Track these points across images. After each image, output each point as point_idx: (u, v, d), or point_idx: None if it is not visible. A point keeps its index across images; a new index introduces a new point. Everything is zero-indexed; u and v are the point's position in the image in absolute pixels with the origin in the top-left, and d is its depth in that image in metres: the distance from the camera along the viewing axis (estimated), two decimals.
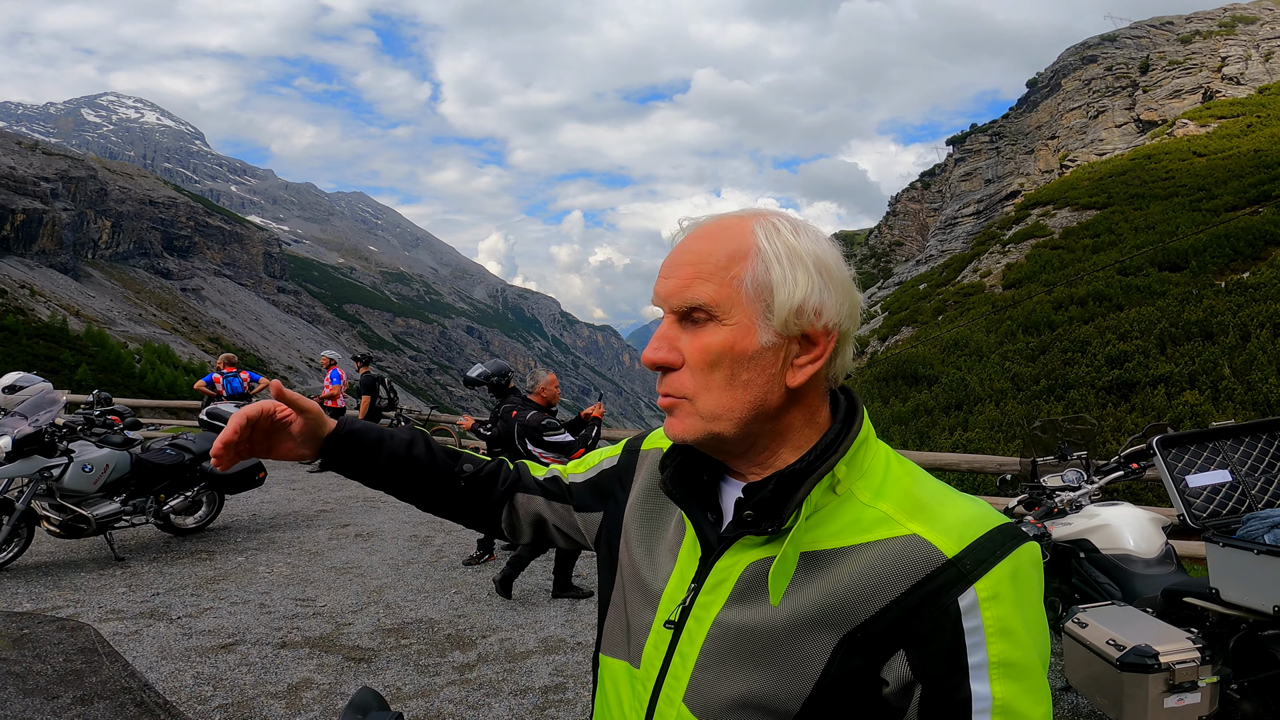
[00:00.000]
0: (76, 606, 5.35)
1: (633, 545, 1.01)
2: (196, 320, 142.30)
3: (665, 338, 0.86)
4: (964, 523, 0.80)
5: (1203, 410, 12.70)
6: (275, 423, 1.08)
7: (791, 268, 0.83)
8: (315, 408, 1.11)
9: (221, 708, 3.86)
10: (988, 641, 0.76)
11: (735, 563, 0.86)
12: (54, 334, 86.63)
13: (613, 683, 0.98)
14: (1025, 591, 0.79)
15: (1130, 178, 37.06)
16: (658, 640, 0.91)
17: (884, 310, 36.85)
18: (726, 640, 0.84)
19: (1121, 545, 3.05)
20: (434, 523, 8.70)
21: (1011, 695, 0.76)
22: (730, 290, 0.83)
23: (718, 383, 0.83)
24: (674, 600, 0.91)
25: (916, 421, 16.81)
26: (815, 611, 0.80)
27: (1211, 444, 2.70)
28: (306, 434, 1.11)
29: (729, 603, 0.85)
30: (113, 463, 6.58)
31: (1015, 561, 0.78)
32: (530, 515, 1.18)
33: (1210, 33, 60.59)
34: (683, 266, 0.85)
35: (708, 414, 0.84)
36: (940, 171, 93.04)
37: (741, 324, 0.83)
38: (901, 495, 0.84)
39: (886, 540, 0.80)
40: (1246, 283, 18.25)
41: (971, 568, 0.77)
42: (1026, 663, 0.77)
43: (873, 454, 0.88)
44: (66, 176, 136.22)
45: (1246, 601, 2.32)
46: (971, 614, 0.76)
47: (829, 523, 0.83)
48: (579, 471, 1.17)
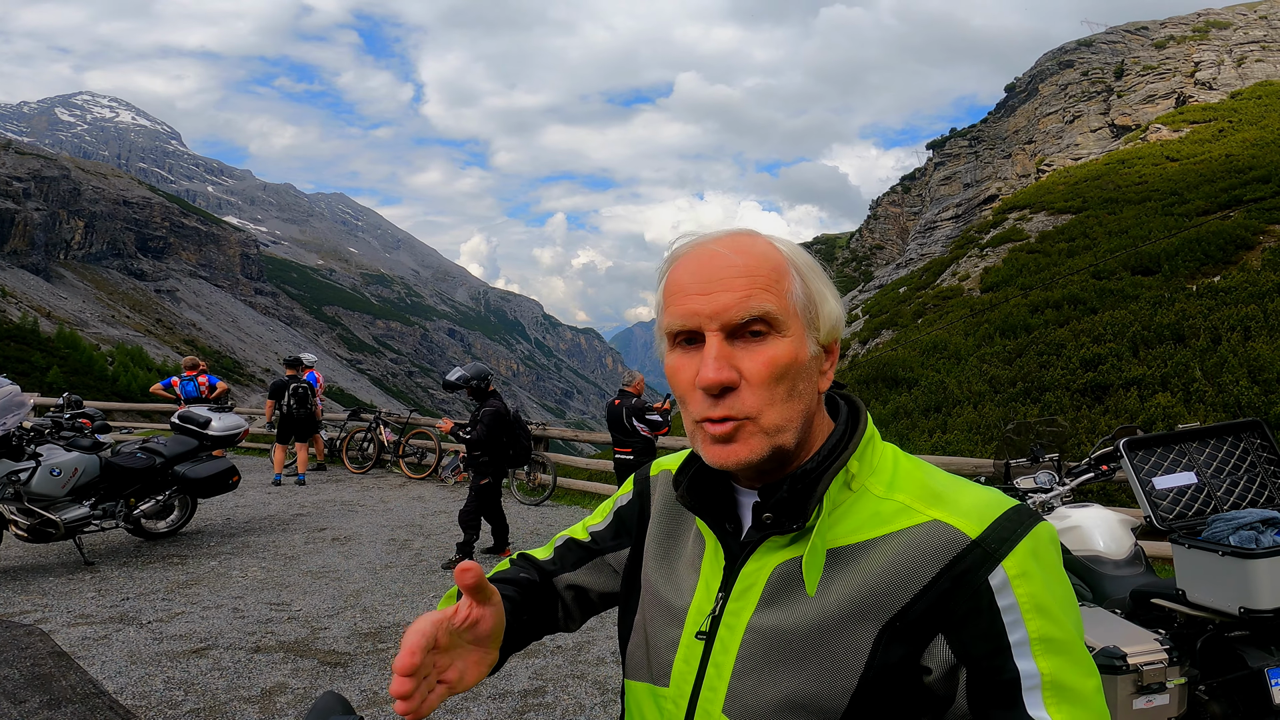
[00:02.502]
0: (45, 611, 5.27)
1: (651, 567, 1.00)
2: (171, 322, 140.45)
3: (724, 357, 0.81)
4: (981, 506, 0.82)
5: (1175, 412, 12.87)
6: (458, 631, 0.85)
7: (819, 282, 0.88)
8: (495, 591, 0.89)
9: (193, 713, 3.81)
10: (1025, 619, 0.76)
11: (762, 566, 0.87)
12: (25, 336, 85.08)
13: (638, 706, 0.97)
14: (1050, 568, 0.80)
15: (1104, 182, 37.55)
16: (688, 654, 0.90)
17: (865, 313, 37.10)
18: (763, 644, 0.84)
19: (1091, 546, 3.08)
20: (412, 527, 8.64)
21: (1059, 669, 0.75)
22: (786, 303, 0.83)
23: (781, 395, 0.82)
24: (702, 612, 0.90)
25: (896, 424, 16.92)
26: (850, 605, 0.80)
27: (1177, 446, 2.73)
28: (496, 632, 0.90)
29: (760, 607, 0.85)
30: (81, 466, 6.48)
31: (1035, 539, 0.80)
32: (570, 593, 1.12)
33: (1184, 38, 61.53)
34: (735, 280, 0.82)
35: (772, 429, 0.82)
36: (920, 175, 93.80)
37: (798, 335, 0.84)
38: (916, 486, 0.85)
39: (909, 529, 0.81)
40: (1217, 286, 18.54)
41: (996, 547, 0.78)
42: (1066, 637, 0.77)
43: (880, 451, 0.90)
44: (39, 176, 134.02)
45: (1212, 603, 2.35)
46: (1004, 592, 0.77)
47: (848, 519, 0.84)
48: (598, 521, 1.14)
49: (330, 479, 12.20)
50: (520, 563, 1.13)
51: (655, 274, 0.91)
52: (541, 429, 11.80)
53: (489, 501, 7.23)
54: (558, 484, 10.78)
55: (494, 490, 7.27)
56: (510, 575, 1.07)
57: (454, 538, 7.81)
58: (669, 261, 0.89)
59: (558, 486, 10.78)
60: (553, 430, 12.42)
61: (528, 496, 10.74)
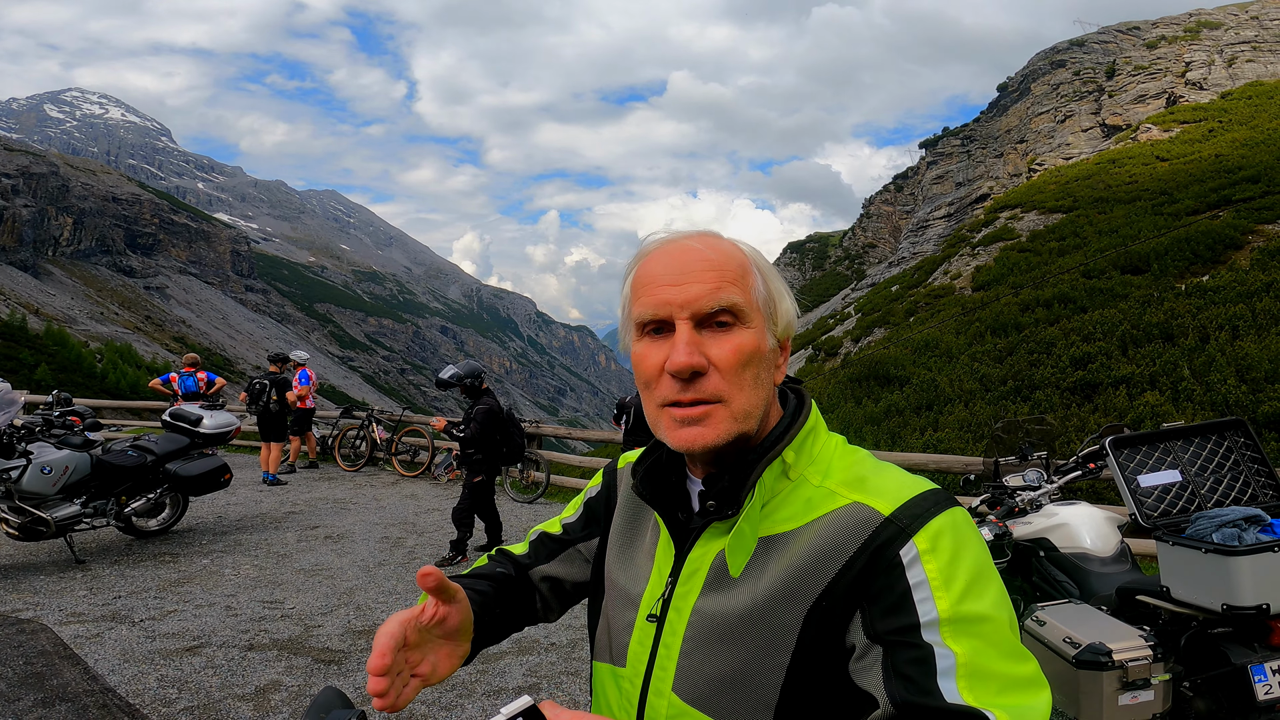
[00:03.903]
0: (36, 609, 5.25)
1: (612, 554, 1.05)
2: (160, 319, 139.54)
3: (694, 343, 0.85)
4: (898, 487, 0.86)
5: (1163, 411, 12.97)
6: (426, 629, 0.89)
7: (778, 282, 0.93)
8: (459, 589, 0.93)
9: (187, 710, 3.81)
10: (934, 596, 0.77)
11: (706, 552, 0.91)
12: (13, 333, 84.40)
13: (601, 686, 1.02)
14: (964, 545, 0.80)
15: (1095, 181, 37.75)
16: (641, 636, 0.95)
17: (857, 311, 37.18)
18: (706, 626, 0.88)
19: (1078, 544, 3.11)
20: (405, 524, 8.64)
21: (975, 652, 0.75)
22: (750, 297, 0.89)
23: (748, 382, 0.87)
24: (654, 596, 0.95)
25: (888, 422, 16.99)
26: (780, 587, 0.84)
27: (1163, 444, 2.77)
28: (464, 626, 0.95)
29: (704, 590, 0.89)
30: (72, 464, 6.46)
31: (950, 518, 0.82)
32: (545, 584, 1.15)
33: (1175, 38, 61.86)
34: (704, 272, 0.87)
35: (740, 413, 0.86)
36: (913, 174, 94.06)
37: (759, 329, 0.89)
38: (844, 472, 0.89)
39: (832, 511, 0.85)
40: (1206, 286, 18.66)
41: (908, 523, 0.81)
42: (982, 617, 0.76)
43: (823, 442, 0.94)
44: (27, 173, 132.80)
45: (1195, 600, 2.38)
46: (914, 567, 0.79)
47: (784, 507, 0.88)
48: (570, 514, 1.18)
49: (323, 476, 12.18)
50: (497, 558, 1.17)
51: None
52: (535, 427, 11.80)
53: (482, 499, 7.24)
54: (551, 481, 10.79)
55: (487, 488, 7.28)
56: (486, 571, 1.11)
57: (447, 535, 7.82)
58: (639, 257, 0.93)
59: (551, 484, 10.79)
60: (546, 428, 12.44)
61: (521, 494, 10.75)
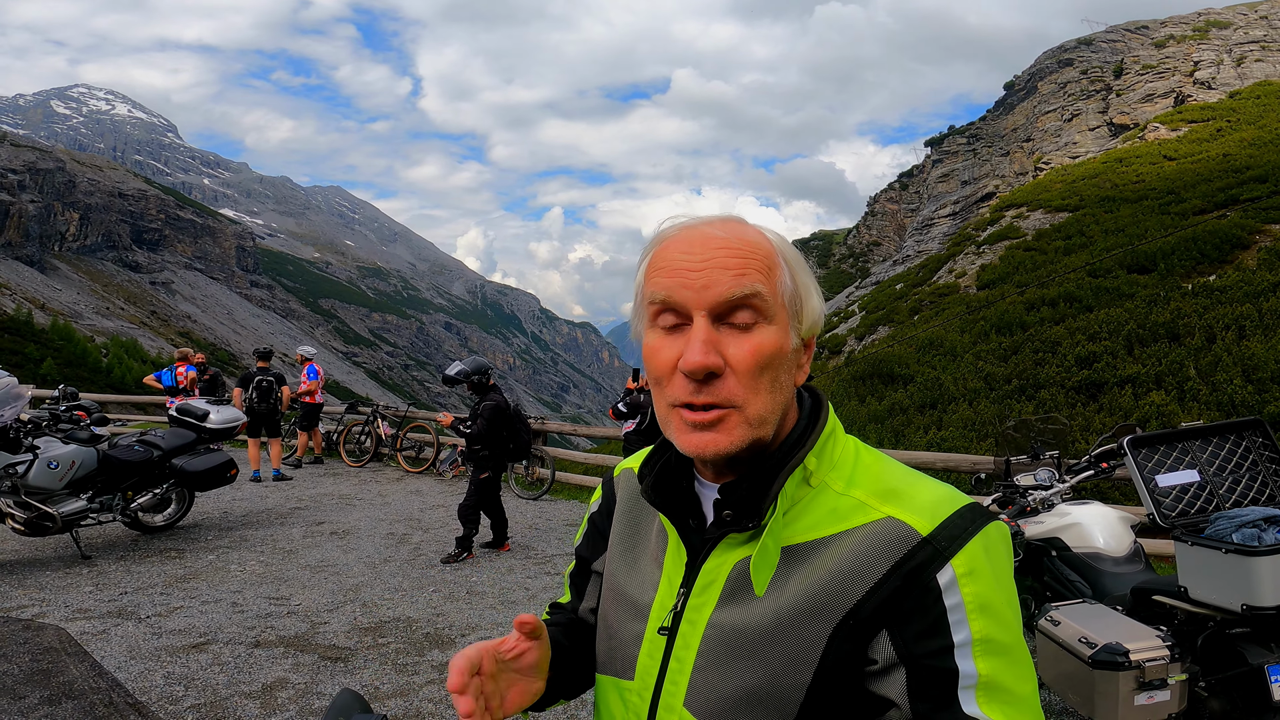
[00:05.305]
0: (42, 606, 5.25)
1: (614, 560, 1.01)
2: (166, 314, 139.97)
3: (710, 341, 0.79)
4: (935, 503, 0.81)
5: (1169, 410, 12.92)
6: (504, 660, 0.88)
7: (806, 276, 0.86)
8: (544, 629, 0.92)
9: (194, 708, 3.80)
10: (969, 619, 0.76)
11: (722, 563, 0.86)
12: (19, 327, 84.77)
13: (604, 699, 0.98)
14: (999, 568, 0.80)
15: (1102, 180, 37.62)
16: (651, 649, 0.90)
17: (861, 310, 37.11)
18: (722, 640, 0.84)
19: (1091, 543, 3.09)
20: (411, 520, 8.64)
21: (995, 671, 0.76)
22: (776, 291, 0.82)
23: (765, 386, 0.81)
24: (665, 607, 0.90)
25: (892, 420, 16.96)
26: (806, 602, 0.80)
27: (1180, 444, 2.75)
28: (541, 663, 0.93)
29: (720, 603, 0.85)
30: (79, 459, 6.46)
31: (986, 538, 0.80)
32: (593, 616, 1.11)
33: (1184, 37, 61.55)
34: (730, 259, 0.80)
35: (756, 419, 0.81)
36: (918, 173, 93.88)
37: (782, 326, 0.82)
38: (873, 482, 0.85)
39: (864, 525, 0.81)
40: (1212, 285, 18.59)
41: (946, 544, 0.78)
42: (1008, 640, 0.77)
43: (842, 446, 0.89)
44: (34, 168, 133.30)
45: (1214, 600, 2.36)
46: (951, 591, 0.77)
47: (806, 515, 0.84)
48: (579, 538, 1.15)
49: (328, 472, 12.19)
50: (553, 610, 1.15)
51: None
52: (540, 423, 11.80)
53: (488, 496, 7.23)
54: (556, 478, 10.79)
55: (493, 484, 7.26)
56: (554, 620, 1.10)
57: (453, 531, 7.81)
58: (656, 241, 0.85)
59: (556, 480, 10.79)
60: (551, 425, 12.43)
61: (526, 491, 10.75)
